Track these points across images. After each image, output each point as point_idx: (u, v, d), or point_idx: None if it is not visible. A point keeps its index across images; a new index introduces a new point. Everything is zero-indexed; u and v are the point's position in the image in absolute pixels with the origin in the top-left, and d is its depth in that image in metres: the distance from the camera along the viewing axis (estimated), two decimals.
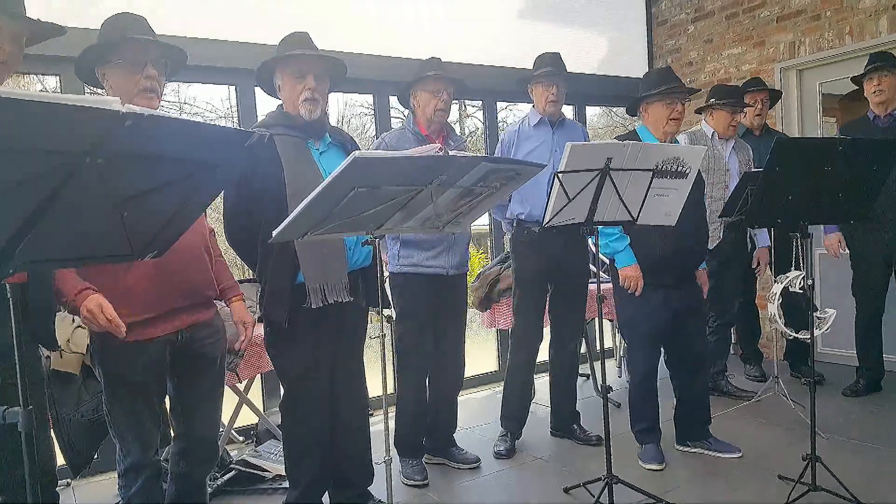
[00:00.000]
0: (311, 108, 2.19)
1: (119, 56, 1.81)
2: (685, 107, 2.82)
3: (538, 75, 3.05)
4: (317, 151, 2.25)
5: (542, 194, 3.00)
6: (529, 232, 3.08)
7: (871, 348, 3.67)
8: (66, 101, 0.91)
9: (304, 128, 2.22)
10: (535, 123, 3.13)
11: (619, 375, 4.33)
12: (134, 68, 1.80)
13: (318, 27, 3.55)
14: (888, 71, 3.40)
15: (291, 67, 2.20)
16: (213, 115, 7.96)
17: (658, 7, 5.24)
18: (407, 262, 2.79)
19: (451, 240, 2.80)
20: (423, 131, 2.82)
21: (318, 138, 2.27)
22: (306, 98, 2.18)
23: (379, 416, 2.03)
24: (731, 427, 3.22)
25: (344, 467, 2.41)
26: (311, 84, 2.18)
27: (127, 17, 1.87)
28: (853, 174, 2.27)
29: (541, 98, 3.08)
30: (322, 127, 2.27)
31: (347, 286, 2.21)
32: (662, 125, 2.77)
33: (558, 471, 2.92)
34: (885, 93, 3.42)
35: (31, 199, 1.02)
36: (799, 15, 4.38)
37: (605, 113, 11.30)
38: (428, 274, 2.79)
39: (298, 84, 2.18)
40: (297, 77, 2.19)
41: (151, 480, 1.91)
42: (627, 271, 2.80)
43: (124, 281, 1.80)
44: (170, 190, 1.19)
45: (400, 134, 2.86)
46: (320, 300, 2.16)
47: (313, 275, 2.16)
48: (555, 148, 3.06)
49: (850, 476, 2.46)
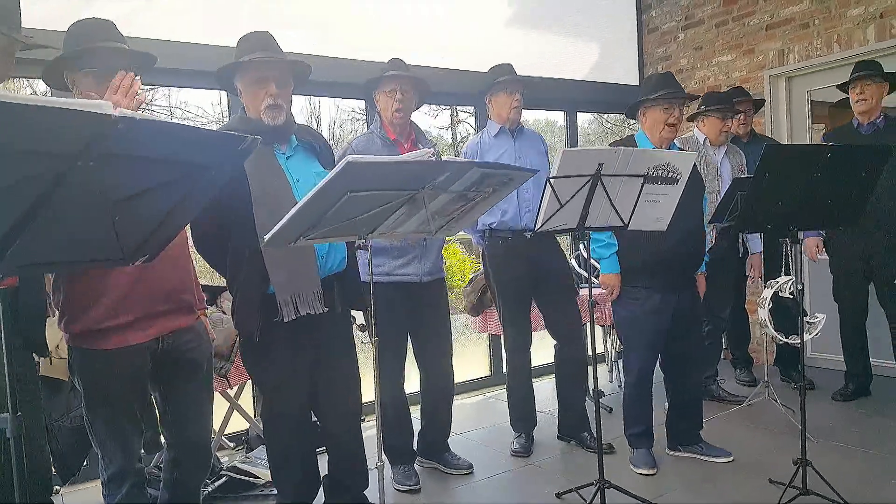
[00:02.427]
0: (274, 115, 2.08)
1: (88, 64, 1.79)
2: (682, 113, 2.83)
3: (502, 82, 3.05)
4: (283, 156, 2.16)
5: (512, 200, 3.02)
6: (504, 241, 3.09)
7: (857, 353, 3.70)
8: (57, 105, 0.90)
9: (268, 133, 2.08)
10: (495, 134, 3.14)
11: (610, 380, 4.34)
12: (103, 76, 1.78)
13: (310, 31, 3.56)
14: (871, 80, 3.43)
15: (251, 74, 2.08)
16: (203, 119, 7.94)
17: (648, 15, 5.28)
18: (378, 270, 2.75)
19: (422, 247, 2.78)
20: (391, 134, 2.79)
21: (284, 142, 2.17)
22: (268, 105, 2.07)
23: (371, 422, 2.02)
24: (722, 431, 3.23)
25: (337, 472, 2.39)
26: (273, 90, 2.06)
27: (94, 22, 1.85)
28: (842, 180, 2.30)
29: (504, 105, 3.08)
30: (287, 130, 2.16)
31: (321, 296, 2.11)
32: (659, 130, 2.79)
33: (552, 476, 2.91)
34: (868, 101, 3.45)
35: (21, 203, 1.01)
36: (788, 23, 4.43)
37: (596, 119, 11.37)
38: (400, 282, 2.77)
39: (260, 91, 2.07)
40: (257, 84, 2.07)
41: (136, 488, 1.89)
42: (607, 278, 2.86)
43: (104, 283, 1.78)
44: (161, 194, 1.19)
45: (367, 139, 2.81)
46: (292, 312, 2.06)
47: (284, 285, 2.05)
48: (518, 156, 3.08)
49: (841, 479, 2.47)
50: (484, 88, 3.14)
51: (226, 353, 2.78)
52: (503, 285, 3.14)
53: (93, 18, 1.86)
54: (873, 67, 3.46)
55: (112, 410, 1.84)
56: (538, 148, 3.22)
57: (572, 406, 3.23)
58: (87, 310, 1.79)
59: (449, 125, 12.14)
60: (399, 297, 2.77)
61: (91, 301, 1.78)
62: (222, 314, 2.93)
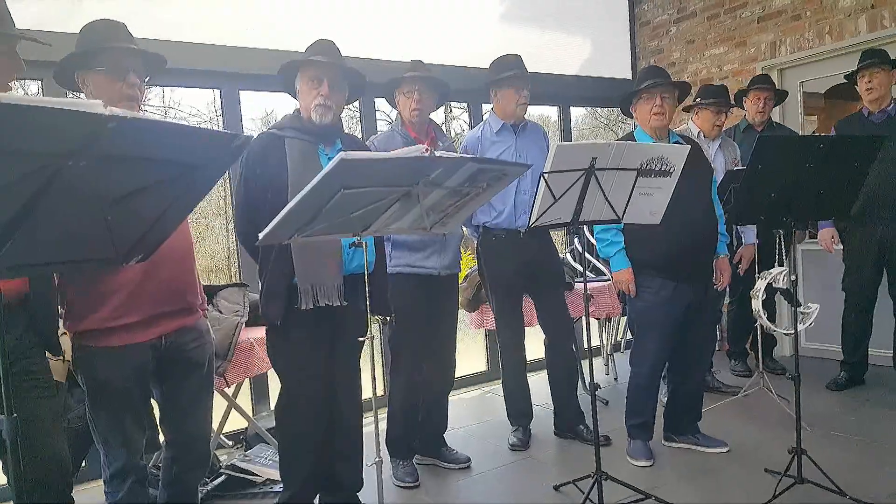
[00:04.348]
0: (322, 114, 2.23)
1: (101, 63, 1.82)
2: (665, 100, 2.76)
3: (508, 77, 2.99)
4: (326, 157, 2.26)
5: (508, 201, 3.01)
6: (497, 238, 3.09)
7: (858, 342, 3.70)
8: (49, 105, 0.90)
9: (315, 132, 2.25)
10: (497, 130, 3.09)
11: (606, 373, 4.35)
12: (116, 76, 1.82)
13: (303, 30, 3.55)
14: (879, 68, 3.43)
15: (310, 72, 2.25)
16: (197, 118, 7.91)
17: (640, 8, 5.28)
18: (398, 262, 2.79)
19: (442, 240, 2.81)
20: (412, 133, 2.83)
21: (329, 144, 2.29)
22: (318, 104, 2.22)
23: (368, 419, 2.03)
24: (717, 422, 3.25)
25: (336, 469, 2.40)
26: (325, 91, 2.22)
27: (107, 23, 1.88)
28: (834, 171, 2.31)
29: (510, 101, 3.01)
30: (334, 132, 2.31)
31: (341, 290, 2.21)
32: (648, 121, 2.79)
33: (549, 469, 2.93)
34: (877, 90, 3.45)
35: (13, 204, 1.01)
36: (779, 15, 4.44)
37: (590, 114, 11.37)
38: (419, 274, 2.79)
39: (314, 89, 2.23)
40: (313, 82, 2.24)
41: (138, 485, 1.90)
42: (619, 275, 2.83)
43: (111, 283, 1.80)
44: (154, 193, 1.19)
45: (388, 136, 2.86)
46: (311, 301, 2.17)
47: (305, 276, 2.17)
48: (519, 153, 3.04)
49: (836, 468, 2.49)
50: (490, 81, 3.05)
51: (222, 352, 2.78)
52: (495, 280, 3.15)
53: (105, 20, 1.90)
54: (880, 55, 3.46)
55: (115, 407, 1.86)
56: (540, 145, 3.15)
57: (566, 404, 3.24)
58: (94, 310, 1.81)
59: (443, 122, 12.13)
60: (418, 290, 2.80)
61: (98, 302, 1.80)
62: (219, 313, 2.93)
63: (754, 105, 3.91)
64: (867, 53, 3.52)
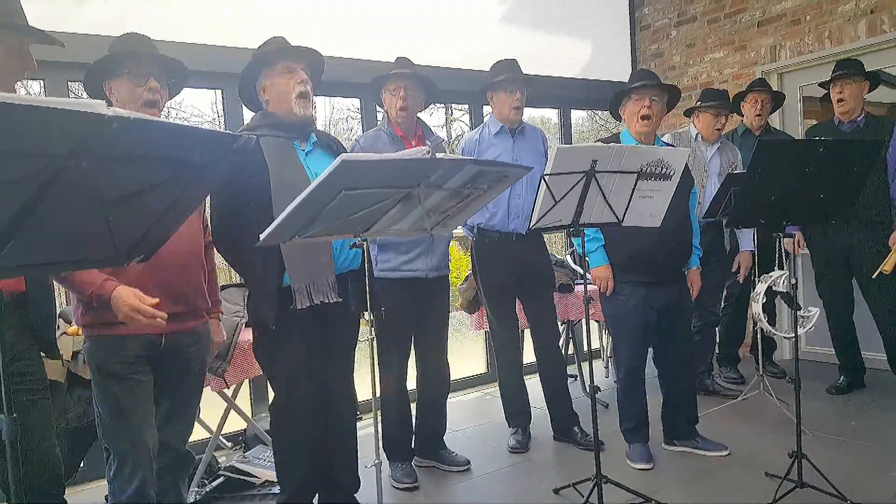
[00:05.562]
0: (304, 104, 2.19)
1: (124, 68, 1.92)
2: (654, 103, 2.75)
3: (501, 81, 2.99)
4: (302, 152, 2.24)
5: (501, 204, 3.01)
6: (491, 240, 3.09)
7: (847, 347, 3.72)
8: (51, 104, 0.90)
9: (290, 127, 2.20)
10: (495, 132, 3.09)
11: (606, 376, 4.35)
12: (137, 80, 1.91)
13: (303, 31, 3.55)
14: (851, 79, 3.43)
15: (280, 65, 2.20)
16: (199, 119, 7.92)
17: (641, 12, 5.29)
18: (385, 266, 2.77)
19: (429, 242, 2.79)
20: (398, 131, 2.80)
21: (304, 138, 2.25)
22: (301, 92, 2.17)
23: (368, 420, 2.03)
24: (717, 425, 3.24)
25: (333, 470, 2.39)
26: (303, 76, 2.19)
27: (134, 36, 2.00)
28: (833, 175, 2.31)
29: (504, 105, 3.02)
30: (309, 126, 2.26)
31: (334, 286, 2.19)
32: (634, 124, 2.79)
33: (549, 472, 2.92)
34: (847, 102, 3.44)
35: (13, 204, 1.01)
36: (779, 19, 4.45)
37: (590, 116, 11.38)
38: (406, 278, 2.78)
39: (291, 79, 2.18)
40: (287, 73, 2.19)
41: (144, 486, 1.89)
42: (597, 272, 2.86)
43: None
44: (155, 193, 1.18)
45: (375, 135, 2.83)
46: (306, 300, 2.14)
47: (299, 275, 2.14)
48: (516, 156, 3.04)
49: (836, 472, 2.49)
50: (485, 85, 3.08)
51: (222, 353, 2.77)
52: (487, 282, 3.15)
53: (133, 33, 2.02)
54: (853, 66, 3.45)
55: (120, 399, 1.87)
56: (538, 148, 3.15)
57: (559, 406, 3.24)
58: (100, 310, 1.83)
59: (444, 123, 12.14)
60: (405, 293, 2.78)
61: (104, 303, 1.81)
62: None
63: (752, 108, 3.90)
64: (841, 64, 3.51)
